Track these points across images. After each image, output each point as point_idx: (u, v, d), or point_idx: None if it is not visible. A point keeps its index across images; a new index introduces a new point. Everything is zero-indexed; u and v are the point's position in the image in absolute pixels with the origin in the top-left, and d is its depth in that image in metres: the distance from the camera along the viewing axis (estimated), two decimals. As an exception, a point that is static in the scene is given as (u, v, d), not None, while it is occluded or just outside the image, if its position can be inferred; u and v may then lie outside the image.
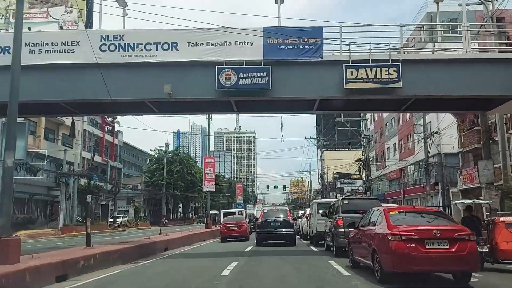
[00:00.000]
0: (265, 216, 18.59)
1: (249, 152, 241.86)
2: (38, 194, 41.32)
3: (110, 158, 58.95)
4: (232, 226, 22.67)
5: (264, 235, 18.33)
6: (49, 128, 44.03)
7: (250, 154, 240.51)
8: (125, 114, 18.88)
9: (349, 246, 9.93)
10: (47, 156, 39.45)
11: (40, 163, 38.99)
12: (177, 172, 69.92)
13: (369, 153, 35.39)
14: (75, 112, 15.06)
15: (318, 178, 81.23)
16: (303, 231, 22.92)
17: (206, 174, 31.59)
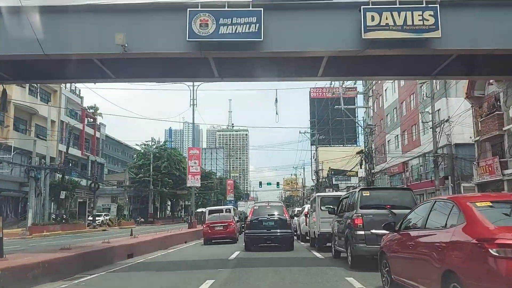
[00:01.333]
0: (255, 214, 15.02)
1: (242, 149, 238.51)
2: (7, 190, 37.45)
3: (91, 153, 55.07)
4: (218, 226, 19.13)
5: (254, 237, 14.77)
6: (20, 118, 40.14)
7: (243, 152, 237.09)
8: (72, 80, 15.21)
9: (384, 259, 6.42)
10: (14, 147, 35.54)
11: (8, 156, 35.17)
12: (165, 168, 66.16)
13: (372, 144, 31.99)
14: (4, 77, 11.39)
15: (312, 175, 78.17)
16: (301, 231, 19.41)
17: (190, 167, 27.89)
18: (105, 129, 61.87)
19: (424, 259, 4.82)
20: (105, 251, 11.69)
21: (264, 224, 14.74)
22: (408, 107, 39.15)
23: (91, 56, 10.16)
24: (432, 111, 29.71)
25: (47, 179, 35.45)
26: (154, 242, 16.61)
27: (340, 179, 62.85)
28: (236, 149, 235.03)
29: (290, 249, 14.54)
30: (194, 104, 27.51)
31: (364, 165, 33.06)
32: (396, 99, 43.37)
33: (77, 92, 54.22)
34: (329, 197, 14.93)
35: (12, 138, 35.60)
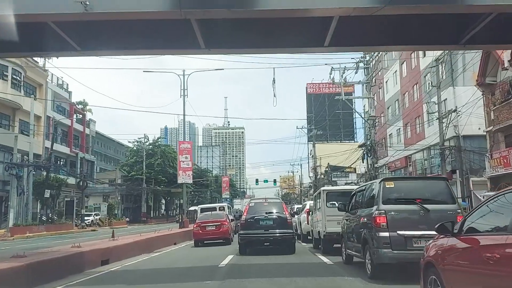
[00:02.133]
0: (251, 212, 13.06)
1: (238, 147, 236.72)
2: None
3: (81, 150, 52.94)
4: (209, 226, 17.20)
5: (249, 238, 12.82)
6: (2, 113, 38.01)
7: (239, 150, 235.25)
8: (24, 54, 13.15)
9: (431, 273, 4.46)
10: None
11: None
12: (158, 165, 64.10)
13: (374, 136, 30.11)
14: None
15: (309, 172, 76.30)
16: (302, 231, 17.48)
17: (181, 162, 25.87)
18: (95, 125, 59.64)
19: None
20: (71, 257, 9.72)
21: (261, 224, 12.80)
22: (411, 98, 37.33)
23: (44, 19, 8.17)
24: (438, 100, 27.85)
25: (30, 177, 33.38)
26: (137, 244, 14.66)
27: (338, 176, 61.17)
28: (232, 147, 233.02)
29: (292, 252, 12.62)
30: (184, 95, 25.59)
31: (366, 159, 31.19)
32: (398, 91, 41.56)
33: (64, 86, 52.02)
34: (336, 191, 12.97)
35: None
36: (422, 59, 34.77)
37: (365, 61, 29.71)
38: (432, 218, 6.74)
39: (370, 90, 30.07)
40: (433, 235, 4.77)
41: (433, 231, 4.53)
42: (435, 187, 7.34)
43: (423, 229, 6.83)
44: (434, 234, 4.56)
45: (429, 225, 6.74)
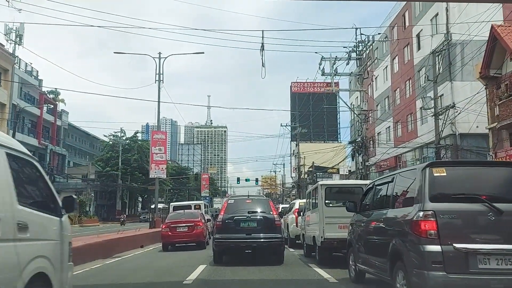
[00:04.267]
0: (230, 211, 10.46)
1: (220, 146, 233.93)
2: None
3: (51, 142, 49.50)
4: (180, 227, 14.62)
5: (226, 244, 10.25)
6: (-41, 98, 34.60)
7: (221, 149, 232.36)
8: None
9: None
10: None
11: None
12: (135, 161, 60.97)
13: (366, 132, 27.89)
14: None
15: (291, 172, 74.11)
16: (289, 234, 15.01)
17: (154, 155, 22.95)
18: (67, 116, 56.15)
19: None
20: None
21: (242, 226, 10.26)
22: (403, 94, 35.36)
23: None
24: (434, 95, 25.84)
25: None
26: (90, 248, 11.98)
27: (320, 177, 59.23)
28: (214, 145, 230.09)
29: (280, 262, 10.13)
30: (160, 80, 22.82)
31: (356, 157, 28.96)
32: (388, 87, 39.60)
33: (34, 73, 48.47)
34: (338, 187, 10.52)
35: None
36: (416, 52, 32.85)
37: (357, 51, 27.49)
38: (508, 225, 4.36)
39: (362, 82, 27.84)
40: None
41: None
42: (508, 177, 4.92)
43: (493, 241, 4.44)
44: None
45: (504, 234, 4.35)
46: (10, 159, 3.75)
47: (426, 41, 30.89)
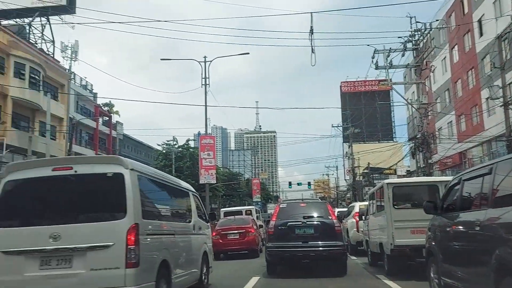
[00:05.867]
0: (282, 216, 9.44)
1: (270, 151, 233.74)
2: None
3: (107, 153, 50.87)
4: (231, 234, 13.79)
5: (280, 254, 9.20)
6: (20, 114, 36.04)
7: (271, 154, 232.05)
8: None
9: None
10: (12, 146, 31.32)
11: (8, 156, 30.98)
12: (188, 168, 61.39)
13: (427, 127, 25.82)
14: None
15: (345, 175, 71.74)
16: (350, 240, 13.70)
17: (203, 160, 22.57)
18: (122, 127, 57.70)
19: None
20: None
21: (298, 232, 9.19)
22: (465, 85, 32.72)
23: None
24: (503, 83, 23.50)
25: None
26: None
27: (376, 178, 56.75)
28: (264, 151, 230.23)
29: (343, 273, 8.95)
30: (206, 84, 22.39)
31: (416, 155, 26.95)
32: (448, 79, 36.93)
33: (89, 87, 50.19)
34: (409, 185, 9.17)
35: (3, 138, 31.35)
36: (478, 39, 30.26)
37: (413, 40, 25.56)
38: None
39: (420, 74, 25.83)
40: None
41: None
42: None
43: None
44: None
45: None
46: (194, 196, 8.17)
47: (489, 26, 28.36)
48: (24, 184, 5.29)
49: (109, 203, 5.16)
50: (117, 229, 4.86)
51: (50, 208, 5.27)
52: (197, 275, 7.27)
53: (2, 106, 33.93)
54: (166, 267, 5.64)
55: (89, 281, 4.74)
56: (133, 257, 4.78)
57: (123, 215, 4.91)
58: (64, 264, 4.82)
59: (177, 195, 7.33)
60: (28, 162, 6.01)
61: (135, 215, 4.99)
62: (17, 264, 4.84)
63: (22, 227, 5.09)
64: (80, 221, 4.99)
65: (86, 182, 5.27)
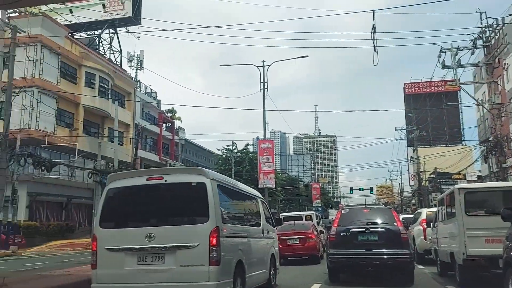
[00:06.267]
0: (344, 222, 9.12)
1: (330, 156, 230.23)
2: (78, 197, 35.53)
3: (170, 158, 52.71)
4: (291, 239, 13.59)
5: (343, 261, 8.88)
6: (91, 121, 38.31)
7: (331, 158, 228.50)
8: None
9: None
10: (83, 151, 33.34)
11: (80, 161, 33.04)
12: (247, 173, 62.00)
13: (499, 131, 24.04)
14: None
15: (409, 180, 68.81)
16: (416, 248, 13.01)
17: (261, 164, 22.64)
18: (184, 133, 59.53)
19: None
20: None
21: (361, 239, 8.83)
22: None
23: None
24: None
25: (114, 184, 32.58)
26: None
27: (444, 184, 53.85)
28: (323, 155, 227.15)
29: (410, 283, 8.47)
30: (264, 88, 22.45)
31: (489, 159, 25.19)
32: (524, 77, 34.23)
33: (153, 95, 52.36)
34: (483, 190, 8.52)
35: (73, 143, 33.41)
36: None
37: (484, 37, 23.98)
38: None
39: (492, 72, 24.17)
40: None
41: None
42: None
43: None
44: None
45: None
46: (262, 202, 8.67)
47: None
48: (123, 191, 6.14)
49: (194, 208, 5.84)
50: (201, 232, 5.51)
51: (145, 212, 6.06)
52: (266, 276, 7.76)
53: (74, 114, 36.29)
54: (241, 267, 6.19)
55: (179, 275, 5.41)
56: (215, 256, 5.40)
57: (206, 219, 5.56)
58: (158, 260, 5.53)
59: (248, 201, 7.93)
60: (126, 173, 6.91)
61: (216, 219, 5.61)
62: (118, 260, 5.62)
63: (122, 228, 5.90)
64: (170, 224, 5.72)
65: (174, 190, 5.98)
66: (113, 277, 5.65)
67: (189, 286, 5.43)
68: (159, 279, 5.49)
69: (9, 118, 21.58)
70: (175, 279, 5.44)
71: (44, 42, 31.96)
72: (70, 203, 35.27)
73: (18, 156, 23.09)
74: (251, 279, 6.67)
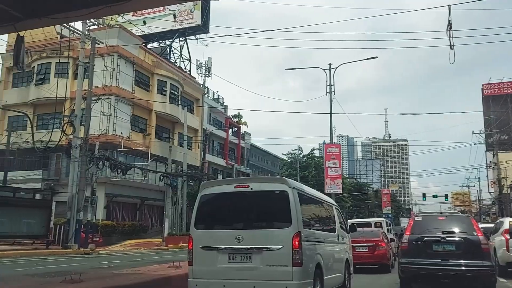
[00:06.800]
0: (418, 230, 8.60)
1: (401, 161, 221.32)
2: (151, 199, 37.21)
3: (236, 162, 53.57)
4: (360, 246, 13.08)
5: (416, 271, 8.38)
6: (162, 126, 40.01)
7: (402, 163, 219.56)
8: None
9: None
10: (155, 155, 34.87)
11: (152, 164, 34.65)
12: (313, 178, 61.32)
13: None
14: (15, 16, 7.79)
15: (489, 187, 64.13)
16: (498, 260, 11.97)
17: (328, 169, 22.16)
18: (250, 138, 60.24)
19: None
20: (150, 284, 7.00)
21: (436, 249, 8.27)
22: None
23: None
24: None
25: (184, 187, 33.75)
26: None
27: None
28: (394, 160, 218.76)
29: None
30: (331, 91, 21.99)
31: None
32: None
33: (220, 100, 53.62)
34: None
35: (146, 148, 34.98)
36: None
37: None
38: None
39: None
40: None
41: None
42: None
43: None
44: None
45: None
46: (336, 209, 8.99)
47: None
48: (214, 197, 6.81)
49: (277, 214, 6.36)
50: (284, 235, 6.00)
51: (233, 216, 6.69)
52: (341, 279, 8.09)
53: (147, 120, 38.13)
54: (320, 269, 6.64)
55: (266, 274, 5.95)
56: (297, 258, 5.89)
57: (288, 224, 6.05)
58: (246, 260, 6.11)
59: (324, 208, 8.31)
60: (216, 181, 7.97)
61: (298, 225, 6.09)
62: (211, 258, 6.27)
63: (214, 230, 6.57)
64: (256, 227, 6.31)
65: (259, 197, 6.51)
66: (207, 273, 6.30)
67: (275, 283, 5.93)
68: (248, 276, 6.04)
69: (89, 124, 23.13)
70: (262, 277, 5.97)
71: (120, 52, 33.97)
72: (144, 204, 36.98)
73: (97, 160, 24.58)
74: (328, 281, 7.02)
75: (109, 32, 29.51)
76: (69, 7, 7.47)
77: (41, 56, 34.81)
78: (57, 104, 23.76)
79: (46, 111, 33.27)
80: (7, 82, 37.27)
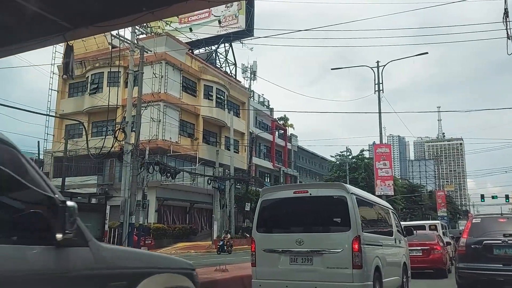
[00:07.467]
0: (476, 233, 8.05)
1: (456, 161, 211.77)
2: (200, 202, 37.80)
3: (283, 165, 53.32)
4: (414, 250, 12.47)
5: (475, 276, 7.85)
6: (209, 130, 40.58)
7: (457, 163, 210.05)
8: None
9: None
10: (203, 159, 35.41)
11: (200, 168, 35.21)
12: (363, 179, 59.87)
13: None
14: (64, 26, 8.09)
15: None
16: None
17: (378, 170, 21.41)
18: (297, 140, 59.81)
19: None
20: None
21: (497, 253, 7.70)
22: None
23: None
24: None
25: (231, 190, 34.00)
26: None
27: None
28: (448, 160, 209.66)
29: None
30: (379, 90, 21.28)
31: None
32: None
33: (265, 103, 53.65)
34: None
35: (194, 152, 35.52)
36: None
37: None
38: None
39: None
40: None
41: None
42: None
43: None
44: None
45: None
46: (392, 213, 9.11)
47: None
48: (275, 202, 7.05)
49: (336, 219, 6.64)
50: (344, 239, 6.18)
51: (293, 220, 7.00)
52: (399, 282, 8.12)
53: (195, 124, 38.82)
54: (379, 271, 6.70)
55: (326, 276, 6.14)
56: (357, 260, 6.04)
57: (348, 228, 6.22)
58: (307, 262, 6.32)
59: (381, 212, 8.42)
60: (276, 187, 8.38)
61: (357, 229, 6.24)
62: (273, 259, 6.54)
63: (275, 234, 6.86)
64: (316, 231, 6.58)
65: (318, 202, 6.74)
66: (270, 274, 6.56)
67: (336, 285, 6.10)
68: (309, 278, 6.26)
69: (139, 129, 23.82)
70: (323, 278, 6.17)
71: (167, 59, 34.86)
72: (193, 207, 37.61)
73: (147, 164, 25.28)
74: (387, 284, 7.09)
75: (157, 40, 30.31)
76: (113, 15, 7.67)
77: (94, 66, 36.41)
78: (110, 111, 24.63)
79: (99, 119, 34.69)
80: (64, 92, 39.27)
